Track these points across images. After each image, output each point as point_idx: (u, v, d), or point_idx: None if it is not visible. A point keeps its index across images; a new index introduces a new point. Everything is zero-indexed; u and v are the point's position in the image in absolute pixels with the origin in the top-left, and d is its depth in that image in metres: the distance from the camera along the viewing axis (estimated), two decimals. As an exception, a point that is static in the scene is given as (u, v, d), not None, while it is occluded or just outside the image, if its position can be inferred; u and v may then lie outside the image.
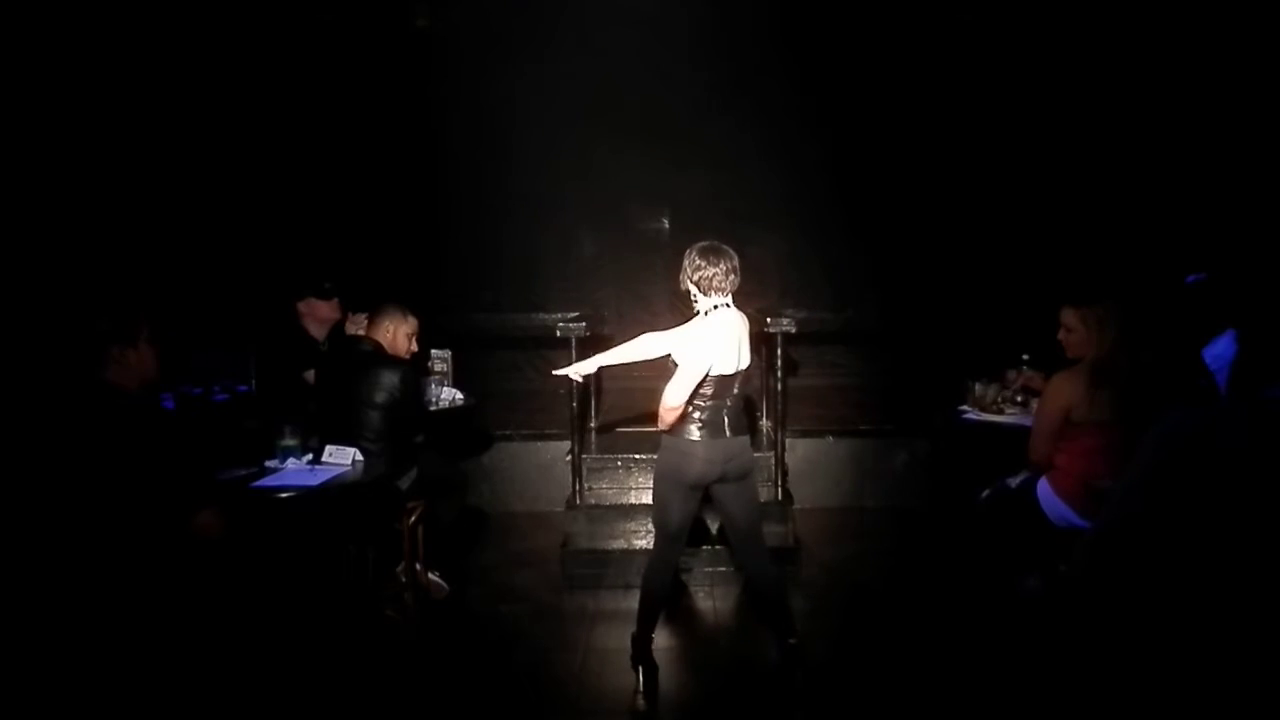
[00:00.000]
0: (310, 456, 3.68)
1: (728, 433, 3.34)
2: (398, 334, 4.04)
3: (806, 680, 3.34)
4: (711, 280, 3.29)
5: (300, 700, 3.23)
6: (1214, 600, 1.89)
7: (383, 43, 6.49)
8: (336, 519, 3.63)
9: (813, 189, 6.93)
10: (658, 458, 3.44)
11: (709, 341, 3.26)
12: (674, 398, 3.25)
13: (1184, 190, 5.93)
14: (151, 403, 3.32)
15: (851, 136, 6.84)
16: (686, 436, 3.31)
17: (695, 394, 3.27)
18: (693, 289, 3.33)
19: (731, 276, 3.31)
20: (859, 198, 6.89)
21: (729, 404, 3.34)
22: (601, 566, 4.53)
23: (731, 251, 3.36)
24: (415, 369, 4.18)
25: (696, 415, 3.32)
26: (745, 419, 3.45)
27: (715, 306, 3.30)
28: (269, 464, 3.62)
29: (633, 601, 3.99)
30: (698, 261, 3.32)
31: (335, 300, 4.68)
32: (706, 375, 3.27)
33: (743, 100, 6.87)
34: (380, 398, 3.84)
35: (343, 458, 3.66)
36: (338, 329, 4.67)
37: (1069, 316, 3.53)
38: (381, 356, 3.96)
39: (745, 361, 3.35)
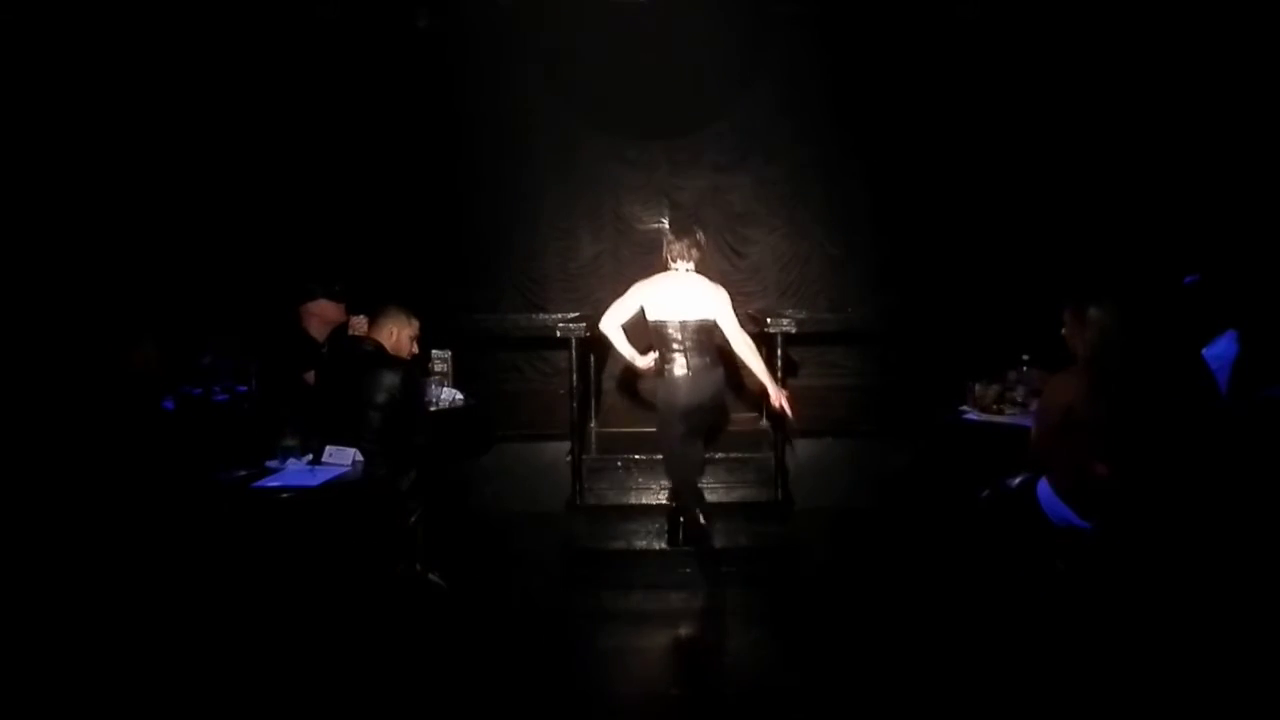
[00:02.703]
0: (310, 456, 3.68)
1: (683, 372, 4.25)
2: (401, 336, 4.04)
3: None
4: (672, 249, 4.35)
5: (300, 701, 3.23)
6: (1215, 598, 1.89)
7: (383, 43, 6.48)
8: (336, 519, 3.63)
9: (812, 189, 6.93)
10: None
11: (651, 287, 4.31)
12: (605, 316, 4.39)
13: (1184, 190, 5.94)
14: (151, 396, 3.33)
15: (851, 137, 6.84)
16: (663, 377, 4.34)
17: (660, 345, 4.31)
18: (666, 258, 4.37)
19: (693, 250, 4.33)
20: (859, 198, 6.89)
21: (686, 345, 4.23)
22: (601, 566, 4.53)
23: (696, 229, 4.50)
24: (416, 370, 4.18)
25: (663, 362, 4.33)
26: (704, 360, 4.26)
27: (675, 269, 4.32)
28: (269, 464, 3.62)
29: (633, 602, 4.01)
30: (669, 235, 4.52)
31: (343, 303, 4.70)
32: (652, 321, 4.28)
33: (743, 101, 6.88)
34: (381, 398, 3.84)
35: (343, 458, 3.66)
36: (338, 330, 4.67)
37: (1065, 314, 3.56)
38: (383, 357, 3.96)
39: (699, 314, 4.21)
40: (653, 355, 4.41)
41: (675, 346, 4.24)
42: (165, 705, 3.09)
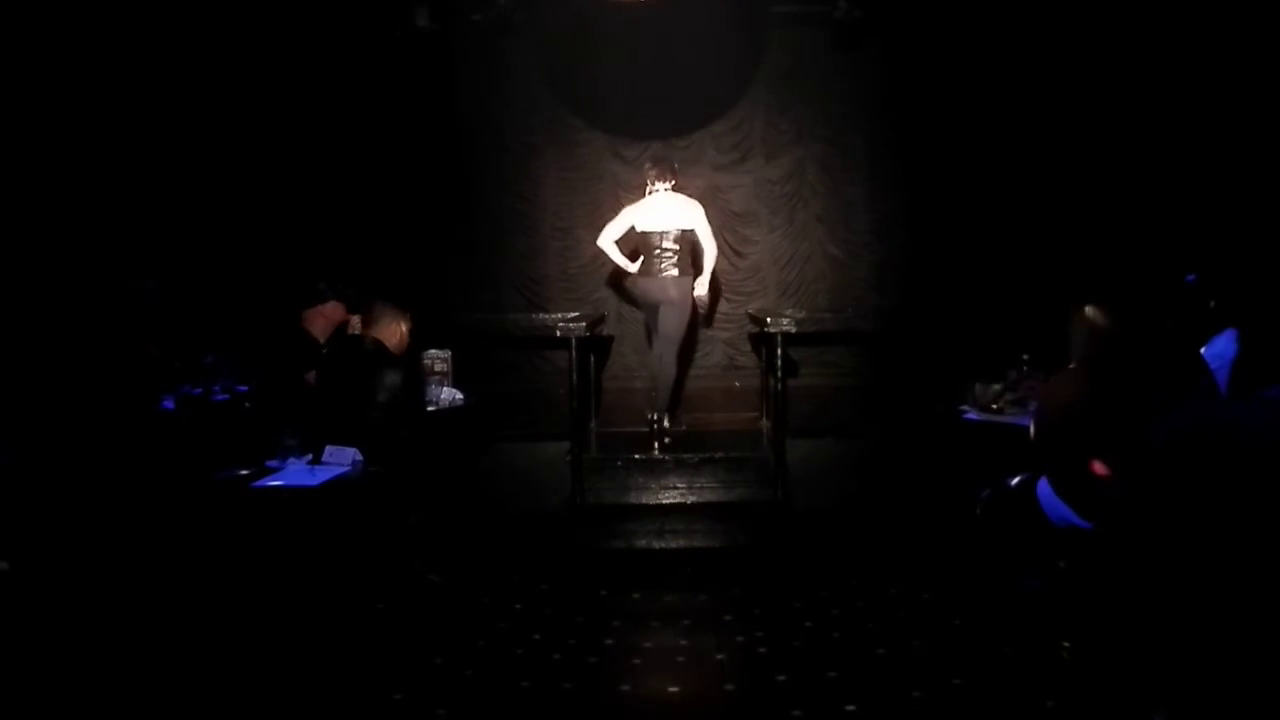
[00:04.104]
0: (310, 456, 3.68)
1: (660, 274, 5.37)
2: (403, 332, 4.06)
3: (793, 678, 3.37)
4: (651, 174, 5.49)
5: (298, 700, 3.23)
6: (1215, 599, 1.89)
7: (383, 43, 6.48)
8: (336, 519, 3.63)
9: (812, 189, 6.93)
10: None
11: (638, 208, 5.49)
12: (602, 234, 5.58)
13: (1184, 189, 5.93)
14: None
15: (852, 136, 6.85)
16: (640, 273, 5.48)
17: (645, 252, 5.43)
18: (647, 183, 5.50)
19: (667, 174, 5.43)
20: (859, 198, 6.90)
21: (664, 253, 5.35)
22: (602, 566, 4.53)
23: (670, 159, 5.64)
24: (418, 368, 4.19)
25: (643, 260, 5.46)
26: (679, 267, 5.39)
27: (654, 191, 5.43)
28: (269, 464, 3.62)
29: (632, 602, 4.00)
30: (646, 166, 5.65)
31: (347, 303, 4.71)
32: (639, 231, 5.43)
33: (743, 101, 6.88)
34: (383, 397, 3.85)
35: (342, 458, 3.65)
36: (338, 330, 4.68)
37: (1071, 313, 3.55)
38: (385, 355, 3.96)
39: (677, 225, 5.37)
40: (639, 261, 5.52)
41: (657, 253, 5.37)
42: (163, 704, 3.09)
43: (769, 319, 5.24)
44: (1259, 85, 5.61)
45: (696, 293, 5.51)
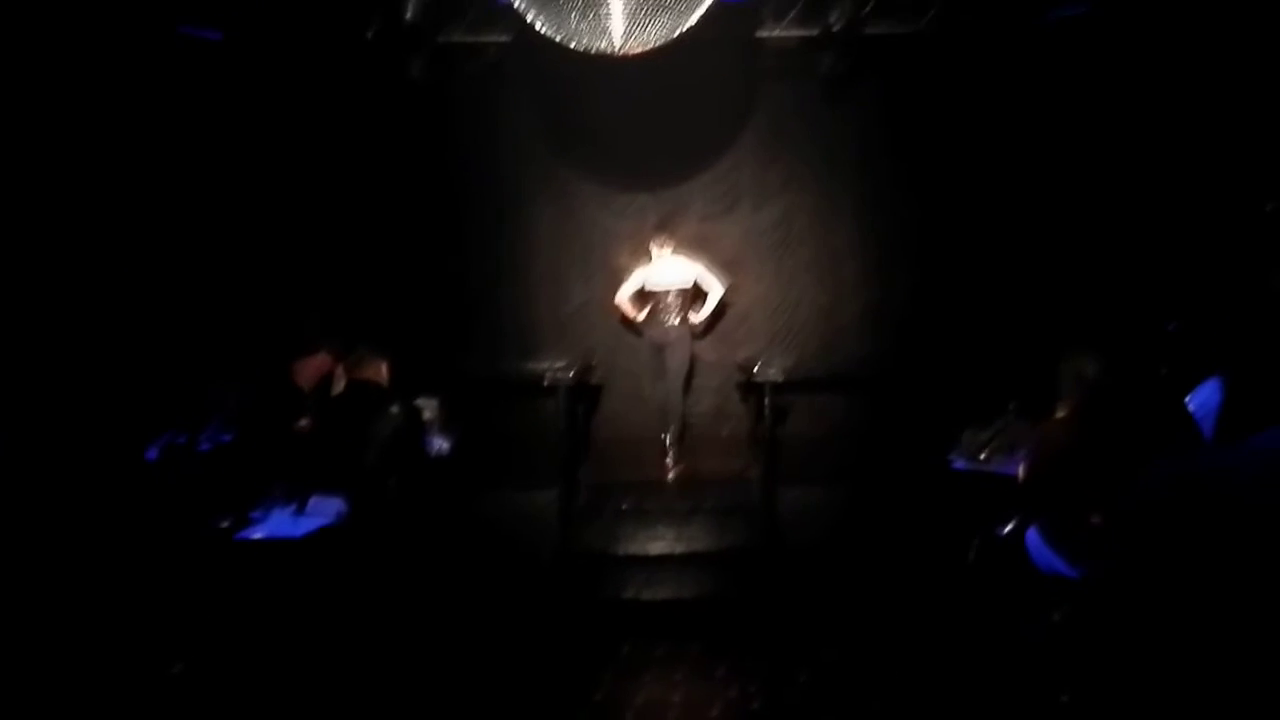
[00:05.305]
0: (295, 505, 3.65)
1: (665, 322, 6.30)
2: (385, 373, 4.09)
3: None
4: (657, 239, 6.31)
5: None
6: (1207, 648, 1.87)
7: (376, 93, 6.55)
8: (320, 568, 3.58)
9: (800, 238, 6.99)
10: None
11: (645, 270, 6.38)
12: (619, 292, 6.46)
13: (1171, 238, 5.98)
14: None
15: (838, 184, 6.92)
16: (646, 322, 6.38)
17: (649, 303, 6.36)
18: (653, 248, 6.30)
19: (669, 242, 6.32)
20: (847, 245, 6.95)
21: (667, 306, 6.28)
22: (590, 617, 4.47)
23: (671, 226, 6.54)
24: (419, 413, 4.21)
25: (649, 312, 6.38)
26: (679, 318, 6.30)
27: (660, 255, 6.27)
28: (253, 515, 3.58)
29: (620, 651, 3.99)
30: (652, 233, 6.45)
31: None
32: (648, 290, 6.34)
33: (729, 151, 6.96)
34: (387, 431, 3.86)
35: (326, 509, 3.62)
36: (324, 379, 4.67)
37: (1059, 364, 3.58)
38: (389, 396, 3.98)
39: (679, 283, 6.30)
40: (646, 311, 6.39)
41: (663, 307, 6.30)
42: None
43: (757, 367, 5.25)
44: (1240, 135, 5.70)
45: (694, 320, 6.42)
